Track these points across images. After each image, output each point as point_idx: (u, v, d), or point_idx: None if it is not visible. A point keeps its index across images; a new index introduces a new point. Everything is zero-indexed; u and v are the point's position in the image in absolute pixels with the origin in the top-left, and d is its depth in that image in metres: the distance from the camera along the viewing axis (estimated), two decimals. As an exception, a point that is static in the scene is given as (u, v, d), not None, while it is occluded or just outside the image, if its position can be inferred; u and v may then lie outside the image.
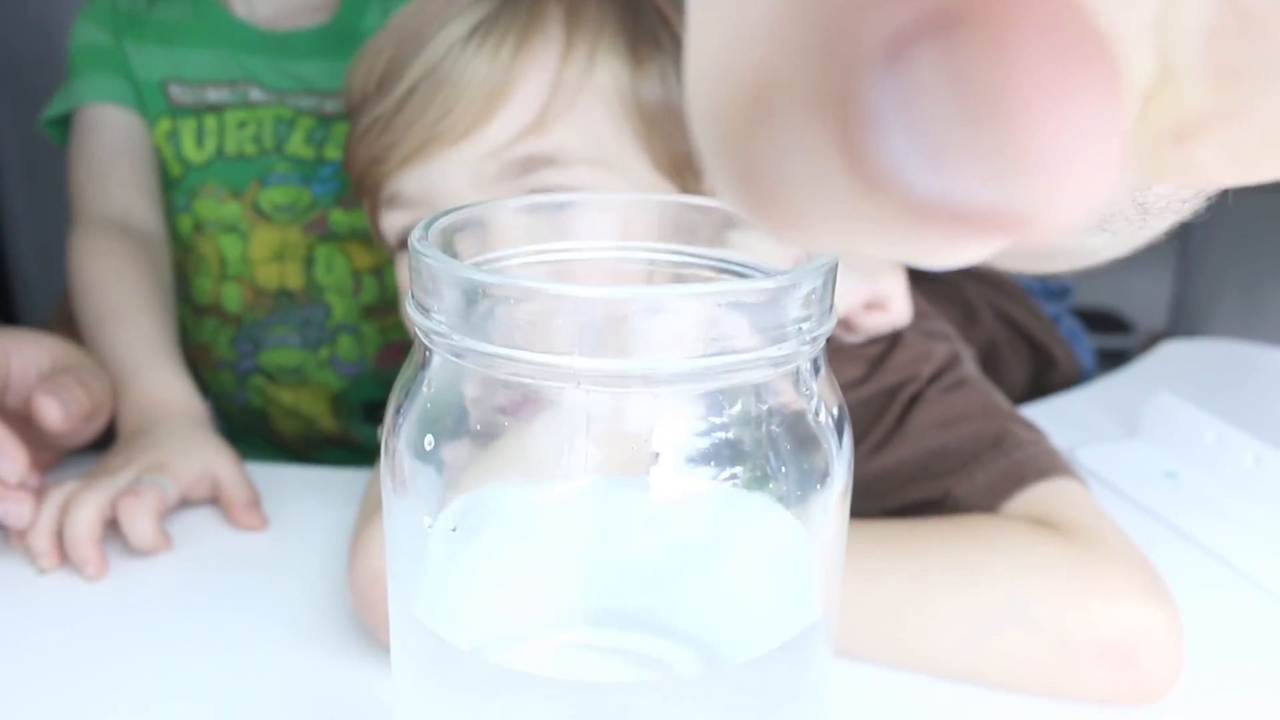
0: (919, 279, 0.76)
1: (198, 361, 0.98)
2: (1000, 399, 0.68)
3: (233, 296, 0.96)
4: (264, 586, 0.64)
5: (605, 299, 0.28)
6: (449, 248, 0.35)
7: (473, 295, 0.30)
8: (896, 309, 0.69)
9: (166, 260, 0.93)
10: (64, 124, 0.97)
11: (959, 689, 0.55)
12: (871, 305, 0.68)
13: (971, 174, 0.11)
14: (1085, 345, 1.10)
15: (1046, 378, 1.04)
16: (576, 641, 0.35)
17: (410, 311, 0.32)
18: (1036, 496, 0.60)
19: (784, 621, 0.35)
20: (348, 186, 0.94)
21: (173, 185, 0.96)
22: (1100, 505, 0.60)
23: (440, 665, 0.34)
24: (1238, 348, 1.08)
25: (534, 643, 0.35)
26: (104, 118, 0.95)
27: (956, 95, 0.10)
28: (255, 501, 0.72)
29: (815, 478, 0.32)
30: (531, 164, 0.64)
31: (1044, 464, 0.62)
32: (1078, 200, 0.11)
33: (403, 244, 0.70)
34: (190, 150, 0.94)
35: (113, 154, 0.93)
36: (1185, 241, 2.42)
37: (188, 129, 0.95)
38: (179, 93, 0.95)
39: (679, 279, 0.36)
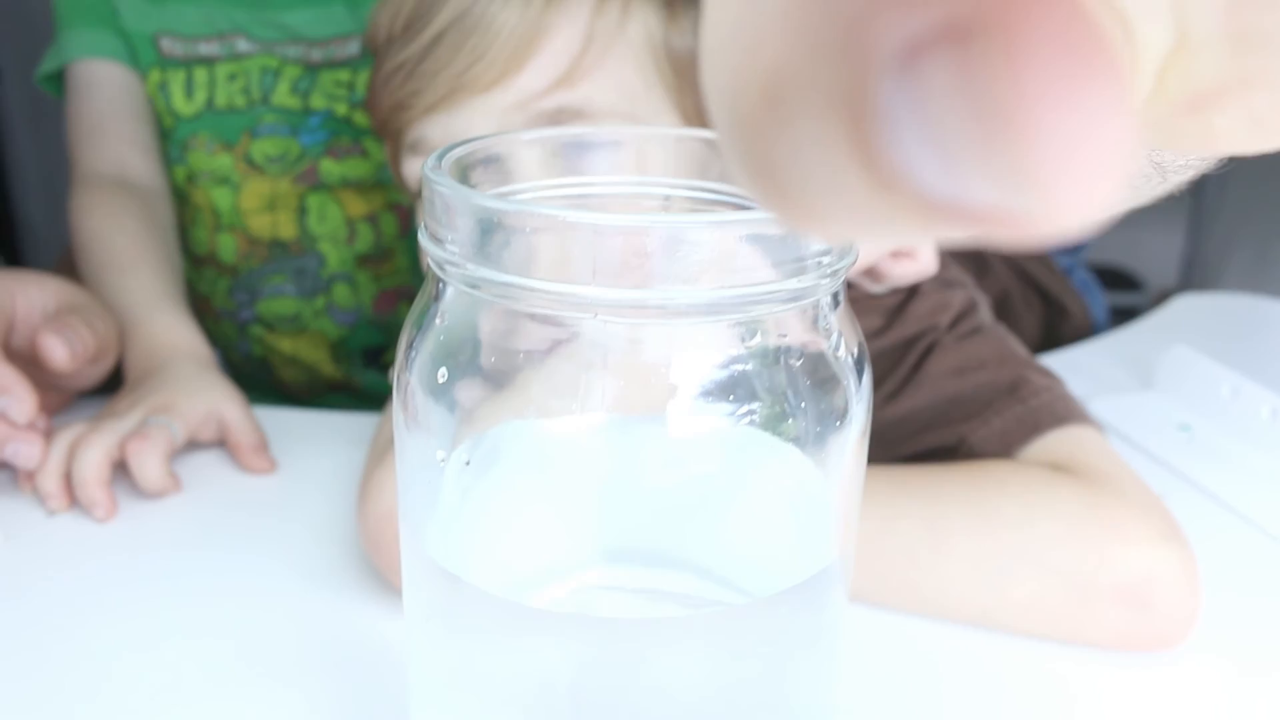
0: None
1: (201, 312, 0.98)
2: (1017, 345, 0.67)
3: (228, 247, 0.95)
4: (273, 528, 0.64)
5: (623, 227, 0.27)
6: (464, 181, 0.34)
7: (488, 224, 0.29)
8: (924, 258, 0.68)
9: (167, 212, 0.93)
10: (61, 78, 0.96)
11: (973, 635, 0.55)
12: (898, 253, 0.67)
13: (983, 177, 0.11)
14: (1098, 298, 1.09)
15: (1058, 329, 1.03)
16: (594, 581, 0.35)
17: (423, 242, 0.31)
18: (1053, 443, 0.59)
19: (800, 561, 0.34)
20: (336, 136, 0.93)
21: (166, 136, 0.95)
22: (1116, 452, 0.60)
23: (455, 604, 0.34)
24: (1252, 301, 1.08)
25: (551, 582, 0.35)
26: (96, 74, 0.94)
27: (968, 103, 0.11)
28: (263, 445, 0.72)
29: (834, 416, 0.32)
30: (560, 116, 0.63)
31: (1060, 411, 0.61)
32: (1087, 202, 0.11)
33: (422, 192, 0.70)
34: (180, 102, 0.94)
35: (107, 111, 0.93)
36: (1198, 198, 2.41)
37: (177, 81, 0.94)
38: (170, 45, 0.94)
39: (697, 213, 0.36)
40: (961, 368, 0.64)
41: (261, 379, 1.02)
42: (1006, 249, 1.07)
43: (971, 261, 0.98)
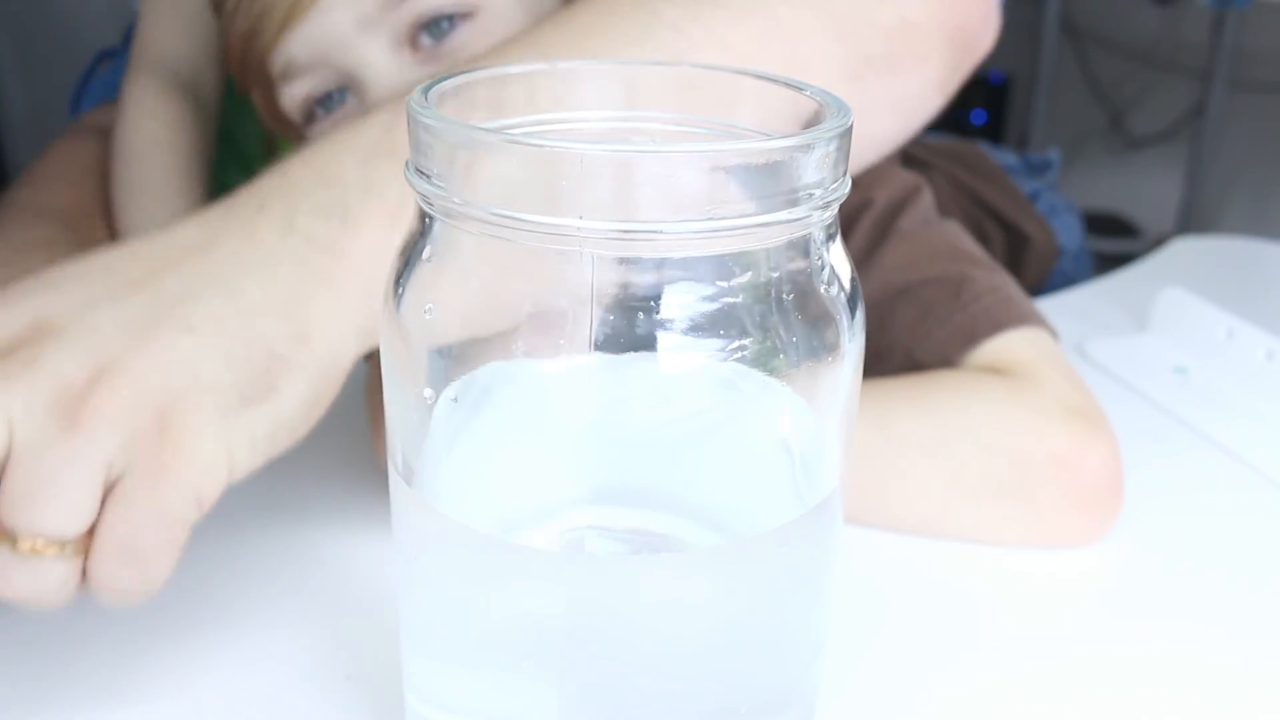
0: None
1: None
2: (969, 243, 0.68)
3: None
4: (275, 471, 0.64)
5: (611, 157, 0.27)
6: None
7: (474, 157, 0.29)
8: None
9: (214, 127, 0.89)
10: None
11: (947, 549, 0.57)
12: None
13: None
14: (1068, 222, 1.06)
15: (1021, 257, 1.02)
16: (583, 521, 0.34)
17: (410, 176, 0.31)
18: (989, 350, 0.62)
19: (791, 500, 0.34)
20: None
21: None
22: (1048, 344, 0.63)
23: (444, 543, 0.34)
24: (1249, 244, 1.07)
25: (541, 522, 0.35)
26: None
27: None
28: None
29: (826, 352, 0.32)
30: (442, 8, 0.62)
31: (998, 316, 0.63)
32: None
33: (309, 117, 0.67)
34: None
35: (193, 11, 0.88)
36: (1195, 145, 2.39)
37: None
38: None
39: (688, 144, 0.35)
40: (912, 261, 0.66)
41: None
42: (961, 158, 1.04)
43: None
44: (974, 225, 0.98)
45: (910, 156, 0.98)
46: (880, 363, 0.64)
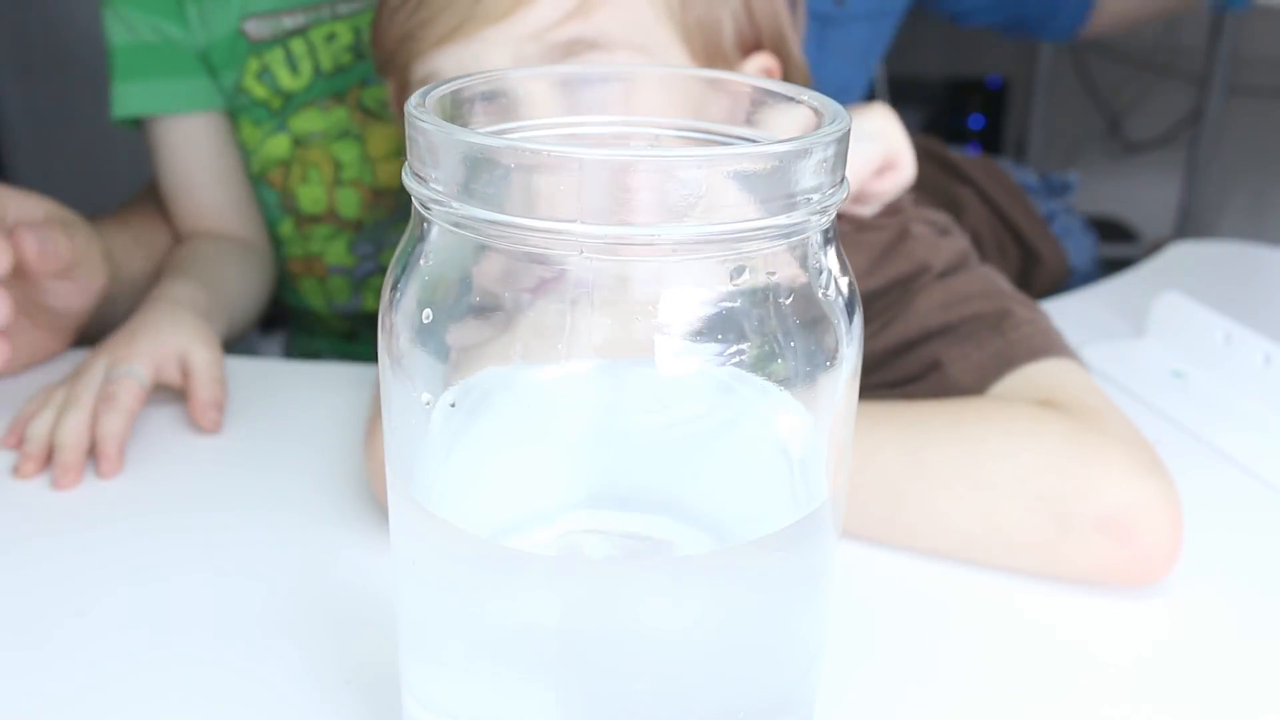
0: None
1: (300, 274, 0.96)
2: (1003, 282, 0.67)
3: (349, 201, 0.92)
4: (267, 479, 0.64)
5: (609, 162, 0.27)
6: (452, 120, 0.34)
7: (472, 162, 0.29)
8: (905, 164, 0.67)
9: (262, 263, 0.93)
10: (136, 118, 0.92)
11: (957, 571, 0.55)
12: (883, 168, 0.66)
13: None
14: (1082, 245, 1.07)
15: (1031, 276, 1.02)
16: (580, 525, 0.34)
17: (407, 180, 0.31)
18: (1034, 375, 0.60)
19: (788, 505, 0.34)
20: None
21: (274, 115, 0.91)
22: (1099, 386, 0.60)
23: (441, 548, 0.34)
24: (1247, 249, 1.07)
25: (538, 526, 0.35)
26: (179, 132, 0.91)
27: None
28: (214, 403, 0.70)
29: (824, 357, 0.32)
30: (574, 47, 0.62)
31: (1038, 345, 0.61)
32: None
33: None
34: (286, 80, 0.89)
35: (197, 174, 0.91)
36: (1193, 150, 2.39)
37: (277, 60, 0.89)
38: (256, 28, 0.89)
39: (685, 148, 0.35)
40: (948, 302, 0.64)
41: (363, 337, 0.99)
42: (988, 170, 1.05)
43: (946, 204, 0.96)
44: (996, 240, 0.99)
45: (951, 166, 0.98)
46: (912, 387, 0.63)
